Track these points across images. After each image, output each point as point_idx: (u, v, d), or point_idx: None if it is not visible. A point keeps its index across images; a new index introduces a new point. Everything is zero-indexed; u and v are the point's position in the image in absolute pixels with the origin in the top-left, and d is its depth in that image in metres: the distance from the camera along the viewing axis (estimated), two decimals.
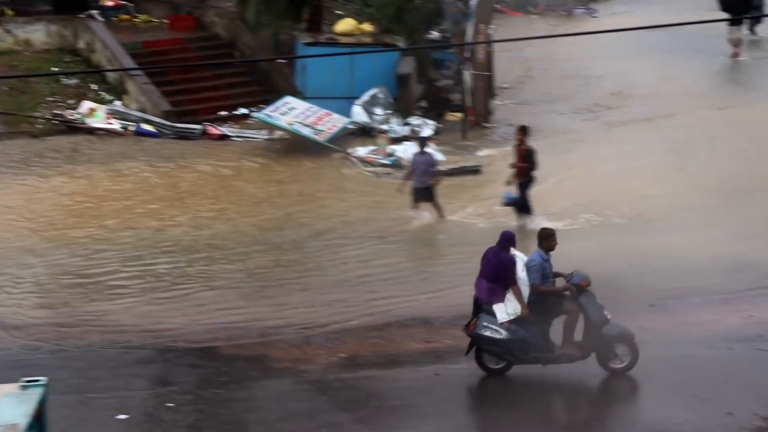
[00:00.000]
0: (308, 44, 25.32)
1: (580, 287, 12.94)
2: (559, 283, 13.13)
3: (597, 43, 33.68)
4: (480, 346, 12.98)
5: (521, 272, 12.94)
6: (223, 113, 25.44)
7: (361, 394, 12.69)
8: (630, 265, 16.79)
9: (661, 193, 20.15)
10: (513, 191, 18.61)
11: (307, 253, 17.80)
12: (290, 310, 15.47)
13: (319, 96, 24.77)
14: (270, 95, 25.62)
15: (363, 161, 22.84)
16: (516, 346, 12.80)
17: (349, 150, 23.32)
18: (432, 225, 18.95)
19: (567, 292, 12.95)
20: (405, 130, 24.21)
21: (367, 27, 26.21)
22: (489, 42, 25.12)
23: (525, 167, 18.49)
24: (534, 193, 18.78)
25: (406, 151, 23.01)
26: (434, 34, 28.60)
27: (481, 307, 12.99)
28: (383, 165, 22.65)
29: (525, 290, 12.91)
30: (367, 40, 25.84)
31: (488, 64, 25.74)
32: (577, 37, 34.28)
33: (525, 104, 27.66)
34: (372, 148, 23.28)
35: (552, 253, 13.08)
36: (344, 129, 24.03)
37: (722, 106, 26.05)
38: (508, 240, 13.06)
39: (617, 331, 12.94)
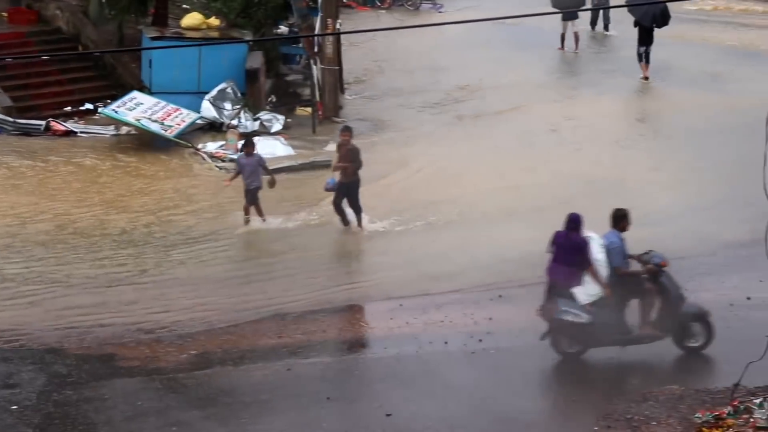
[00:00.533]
0: (154, 38, 24.94)
1: (658, 267, 13.01)
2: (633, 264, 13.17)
3: (443, 37, 34.23)
4: (557, 331, 12.96)
5: (597, 253, 12.92)
6: (68, 109, 24.94)
7: (212, 391, 12.61)
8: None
9: (489, 190, 20.27)
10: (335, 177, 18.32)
11: (155, 252, 17.54)
12: (140, 309, 15.25)
13: (166, 91, 24.40)
14: (116, 90, 25.26)
15: (213, 157, 22.66)
16: (598, 329, 12.81)
17: (199, 145, 23.10)
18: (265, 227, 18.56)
19: (648, 274, 12.99)
20: (255, 125, 24.11)
21: (214, 21, 25.98)
22: (332, 34, 25.14)
23: (350, 167, 18.13)
24: (363, 191, 18.77)
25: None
26: (282, 29, 28.62)
27: (556, 291, 12.93)
28: (233, 160, 22.45)
29: (603, 271, 12.91)
30: (214, 34, 25.62)
31: (336, 59, 25.79)
32: (424, 31, 35.14)
33: (373, 98, 27.91)
34: (221, 143, 23.12)
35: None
36: (193, 124, 23.77)
37: (559, 99, 26.55)
38: (575, 221, 13.07)
39: (694, 310, 13.09)
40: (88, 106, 25.04)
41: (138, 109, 23.34)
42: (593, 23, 33.10)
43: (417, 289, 15.85)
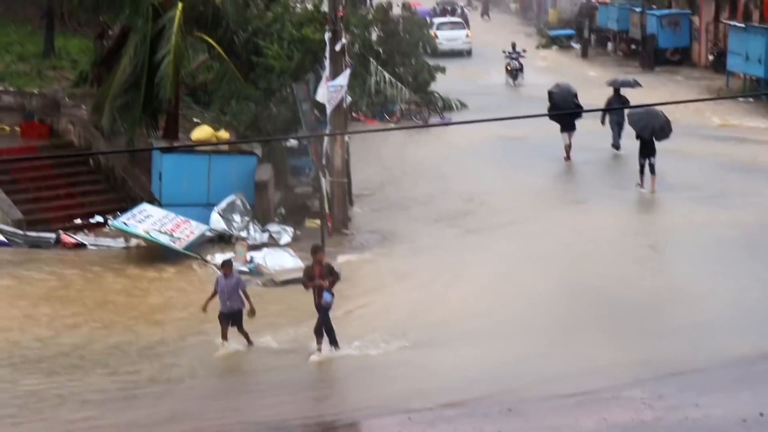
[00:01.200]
0: (164, 151, 25.19)
1: None
2: None
3: (452, 150, 34.67)
4: None
5: None
6: (78, 221, 25.11)
7: None
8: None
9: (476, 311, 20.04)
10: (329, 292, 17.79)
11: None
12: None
13: (176, 203, 24.62)
14: (126, 203, 25.48)
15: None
16: None
17: (208, 257, 23.17)
18: (242, 353, 18.10)
19: None
20: (263, 237, 24.22)
21: (224, 134, 26.28)
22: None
23: (327, 283, 17.72)
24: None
25: (265, 257, 23.10)
26: (292, 142, 28.91)
27: None
28: (241, 272, 22.52)
29: None
30: (224, 147, 25.87)
31: (345, 171, 25.98)
32: (434, 144, 35.58)
33: (382, 210, 28.03)
34: (230, 255, 23.14)
35: None
36: (202, 236, 23.90)
37: (565, 211, 26.59)
38: None
39: None
40: (99, 218, 25.19)
41: (147, 221, 23.48)
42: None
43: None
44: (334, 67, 25.41)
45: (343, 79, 25.44)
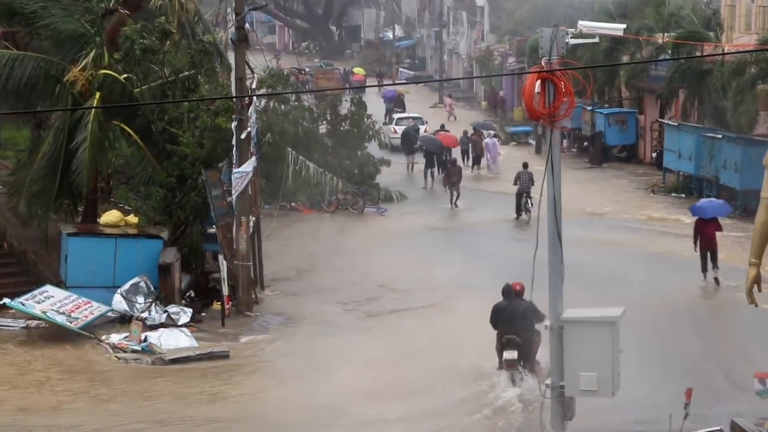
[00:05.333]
0: (71, 234, 25.88)
1: None
2: None
3: (384, 238, 35.42)
4: None
5: None
6: None
7: None
8: None
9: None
10: None
11: None
12: None
13: (81, 285, 25.21)
14: (37, 285, 25.90)
15: (115, 347, 23.24)
16: None
17: (103, 337, 23.71)
18: None
19: None
20: (162, 318, 24.73)
21: (132, 219, 26.97)
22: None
23: None
24: None
25: (160, 336, 23.66)
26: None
27: None
28: (134, 351, 23.11)
29: None
30: (132, 231, 26.54)
31: (249, 256, 26.63)
32: (365, 234, 36.24)
33: (294, 295, 28.63)
34: (125, 335, 23.71)
35: None
36: (102, 316, 24.49)
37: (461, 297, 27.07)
38: None
39: None
40: (6, 300, 25.69)
41: (47, 301, 24.08)
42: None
43: None
44: (240, 155, 26.24)
45: (249, 166, 26.26)
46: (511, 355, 19.70)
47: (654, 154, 47.96)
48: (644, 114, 50.50)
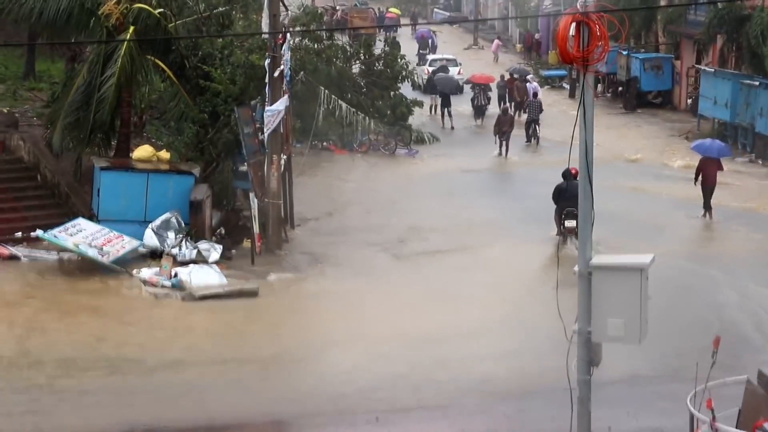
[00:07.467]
0: (103, 168, 25.99)
1: None
2: None
3: (412, 180, 35.39)
4: None
5: None
6: (18, 234, 25.88)
7: None
8: None
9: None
10: None
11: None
12: None
13: (113, 219, 25.36)
14: (69, 218, 26.09)
15: (146, 282, 23.40)
16: None
17: (134, 271, 23.87)
18: None
19: None
20: (193, 254, 24.85)
21: (165, 155, 27.02)
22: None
23: None
24: None
25: (191, 273, 23.80)
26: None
27: None
28: (164, 286, 23.27)
29: None
30: (164, 166, 26.62)
31: (281, 193, 26.67)
32: (397, 175, 36.24)
33: (324, 234, 28.64)
34: (156, 269, 23.86)
35: None
36: (133, 251, 24.62)
37: (504, 242, 27.13)
38: None
39: None
40: (39, 232, 25.90)
41: (79, 234, 24.22)
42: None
43: None
44: (273, 93, 26.19)
45: (281, 104, 26.20)
46: (571, 223, 24.81)
47: (689, 101, 47.52)
48: (681, 59, 49.94)
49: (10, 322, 20.65)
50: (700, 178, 29.22)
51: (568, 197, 24.61)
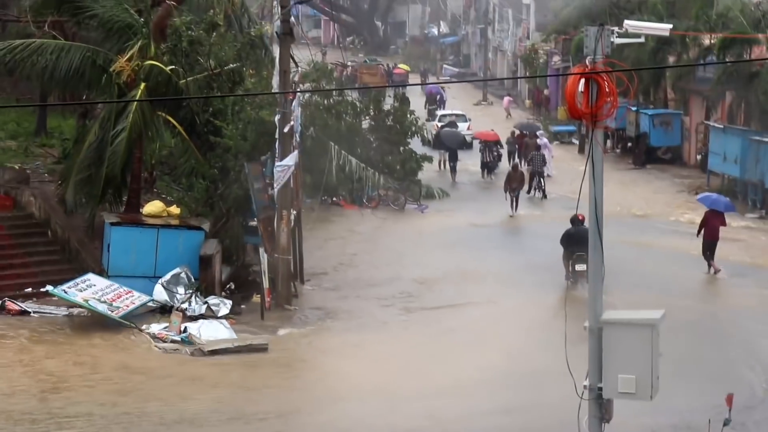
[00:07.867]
0: (113, 224, 26.07)
1: None
2: None
3: (421, 235, 35.42)
4: None
5: None
6: (28, 290, 25.94)
7: None
8: None
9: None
10: None
11: None
12: None
13: (123, 274, 25.44)
14: (79, 274, 26.15)
15: (155, 337, 23.39)
16: None
17: (143, 326, 23.87)
18: None
19: None
20: (202, 309, 24.87)
21: (174, 210, 27.12)
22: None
23: None
24: None
25: (200, 327, 23.79)
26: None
27: None
28: (174, 341, 23.26)
29: None
30: (174, 222, 26.70)
31: (290, 248, 26.72)
32: (407, 230, 36.27)
33: (332, 289, 28.65)
34: (165, 325, 23.87)
35: None
36: (143, 306, 24.65)
37: (512, 297, 27.06)
38: None
39: None
40: (49, 287, 25.93)
41: (89, 290, 24.27)
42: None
43: None
44: (283, 149, 26.33)
45: (291, 159, 26.33)
46: (581, 267, 25.43)
47: (699, 157, 47.55)
48: (690, 115, 50.08)
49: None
50: (703, 230, 29.25)
51: (577, 241, 25.38)
